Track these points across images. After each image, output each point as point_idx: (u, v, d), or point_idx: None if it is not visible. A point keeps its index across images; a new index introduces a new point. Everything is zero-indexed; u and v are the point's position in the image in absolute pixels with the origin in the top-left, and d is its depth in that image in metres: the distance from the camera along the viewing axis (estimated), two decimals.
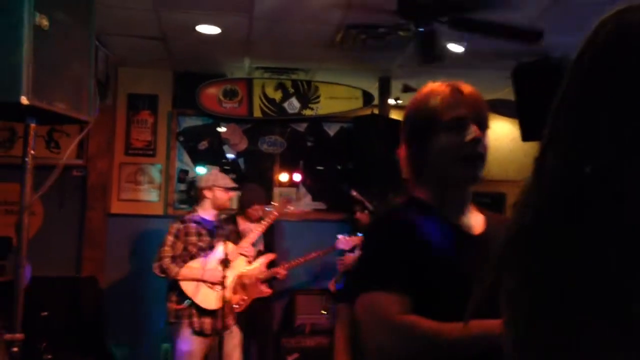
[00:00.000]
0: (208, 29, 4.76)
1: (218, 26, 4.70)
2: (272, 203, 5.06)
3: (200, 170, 6.08)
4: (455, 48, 4.53)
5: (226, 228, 4.61)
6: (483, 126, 1.51)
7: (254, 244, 4.68)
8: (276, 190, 6.29)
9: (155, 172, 6.03)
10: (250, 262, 4.63)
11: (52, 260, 5.47)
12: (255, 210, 4.90)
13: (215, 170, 4.91)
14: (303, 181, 6.33)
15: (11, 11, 2.14)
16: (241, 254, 4.50)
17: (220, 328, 4.22)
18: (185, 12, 4.42)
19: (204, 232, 4.39)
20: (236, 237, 4.64)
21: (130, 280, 5.69)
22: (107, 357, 5.42)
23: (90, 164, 5.76)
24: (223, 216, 4.74)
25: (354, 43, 4.57)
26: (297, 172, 6.31)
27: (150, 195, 5.98)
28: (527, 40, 4.21)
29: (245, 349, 4.68)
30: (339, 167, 6.38)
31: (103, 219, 5.81)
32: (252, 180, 5.80)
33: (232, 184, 4.60)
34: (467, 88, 1.55)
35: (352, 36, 4.52)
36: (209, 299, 4.24)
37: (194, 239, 4.34)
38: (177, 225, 4.35)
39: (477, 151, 1.48)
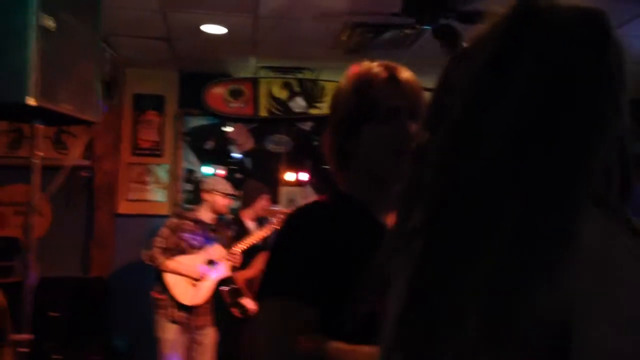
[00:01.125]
0: (214, 29, 4.76)
1: (224, 26, 4.70)
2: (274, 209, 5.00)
3: (207, 170, 6.09)
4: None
5: (222, 232, 4.64)
6: (417, 118, 1.35)
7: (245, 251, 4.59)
8: (282, 190, 6.30)
9: (161, 172, 6.04)
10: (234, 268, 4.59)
11: (60, 261, 5.48)
12: (263, 201, 4.91)
13: (217, 177, 4.97)
14: (309, 180, 6.33)
15: (17, 12, 2.15)
16: (228, 259, 4.51)
17: (195, 326, 4.40)
18: (191, 12, 4.43)
19: (198, 231, 4.50)
20: (229, 242, 4.64)
21: (138, 280, 5.69)
22: (115, 357, 5.44)
23: (97, 164, 5.78)
24: (228, 216, 4.77)
25: (360, 41, 4.56)
26: (304, 171, 6.31)
27: (157, 195, 5.99)
28: None
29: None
30: None
31: (110, 219, 5.83)
32: (259, 179, 5.79)
33: (231, 191, 4.67)
34: (405, 74, 1.43)
35: (357, 35, 4.51)
36: (186, 294, 4.37)
37: (187, 236, 4.46)
38: (174, 220, 4.51)
39: (410, 146, 1.22)
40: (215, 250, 4.50)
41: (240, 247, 4.53)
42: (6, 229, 5.63)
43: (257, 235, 4.63)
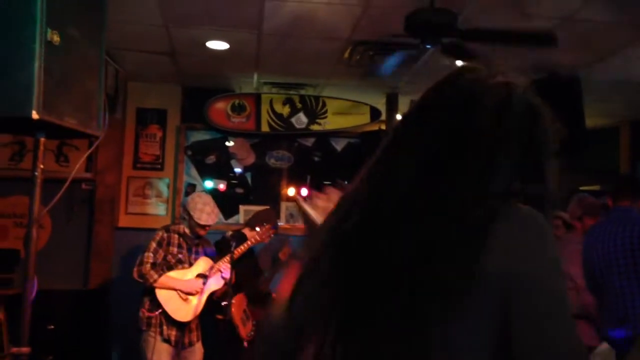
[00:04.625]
0: (217, 45, 4.80)
1: (227, 42, 4.73)
2: (257, 229, 4.81)
3: (208, 184, 6.10)
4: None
5: (206, 245, 4.59)
6: None
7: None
8: (283, 205, 6.30)
9: (163, 186, 6.05)
10: (224, 281, 4.50)
11: (60, 273, 5.48)
12: (266, 230, 4.80)
13: (203, 196, 4.59)
14: (310, 196, 6.32)
15: (23, 27, 2.16)
16: (219, 271, 4.46)
17: (185, 342, 4.32)
18: (195, 28, 4.46)
19: (184, 245, 4.44)
20: (219, 256, 4.60)
21: (137, 294, 5.67)
22: None
23: (99, 177, 5.79)
24: (229, 233, 4.74)
25: (362, 59, 4.59)
26: (304, 187, 6.32)
27: (157, 209, 6.00)
28: (542, 44, 4.18)
29: None
30: (345, 183, 6.37)
31: (111, 232, 5.83)
32: (259, 194, 5.80)
33: (205, 221, 4.40)
34: None
35: (360, 52, 4.54)
36: (180, 310, 4.29)
37: (174, 249, 4.39)
38: (161, 234, 4.39)
39: None
40: (204, 263, 4.46)
41: (227, 259, 4.46)
42: (6, 240, 5.63)
43: (241, 248, 4.58)
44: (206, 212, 4.41)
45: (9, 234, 5.68)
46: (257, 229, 4.79)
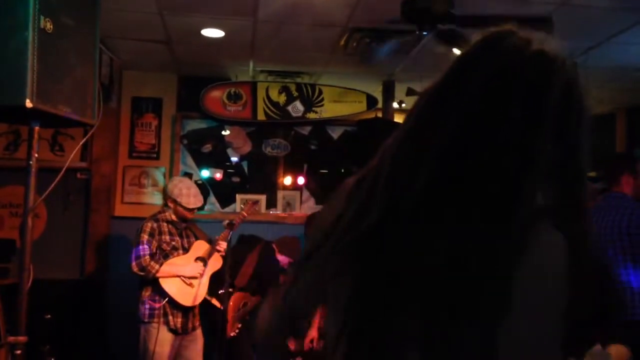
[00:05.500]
0: (213, 33, 4.77)
1: (222, 30, 4.71)
2: (241, 206, 4.95)
3: (205, 173, 6.09)
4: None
5: (194, 229, 4.63)
6: None
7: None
8: (280, 194, 6.29)
9: (159, 175, 6.04)
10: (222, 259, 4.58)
11: (56, 263, 5.48)
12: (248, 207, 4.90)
13: (184, 180, 4.62)
14: (306, 184, 6.33)
15: (16, 15, 2.15)
16: (216, 251, 4.50)
17: (189, 327, 4.35)
18: (190, 15, 4.43)
19: (175, 232, 4.44)
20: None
21: (133, 283, 5.68)
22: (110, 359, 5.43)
23: (94, 166, 5.77)
24: (226, 221, 4.74)
25: (358, 47, 4.57)
26: (301, 175, 6.31)
27: (153, 198, 5.99)
28: (538, 29, 4.17)
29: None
30: (342, 171, 6.38)
31: (107, 221, 5.82)
32: (256, 183, 5.79)
33: (194, 204, 4.43)
34: None
35: (356, 40, 4.52)
36: (185, 295, 4.31)
37: (167, 237, 4.39)
38: (150, 224, 4.37)
39: None
40: (200, 247, 4.48)
41: (222, 237, 4.49)
42: (2, 230, 5.62)
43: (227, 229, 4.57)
44: (193, 195, 4.42)
45: (5, 223, 5.68)
46: (242, 206, 4.90)
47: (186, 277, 4.33)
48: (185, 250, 4.45)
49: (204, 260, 4.44)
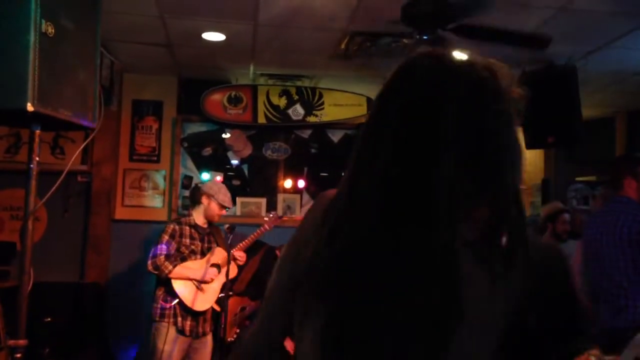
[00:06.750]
0: (213, 36, 4.77)
1: (223, 33, 4.71)
2: (265, 219, 5.06)
3: (205, 176, 6.10)
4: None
5: (218, 235, 4.66)
6: None
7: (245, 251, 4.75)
8: (280, 197, 6.30)
9: (159, 178, 6.04)
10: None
11: (56, 266, 5.48)
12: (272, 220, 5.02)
13: (221, 183, 4.90)
14: (307, 188, 6.33)
15: (18, 18, 2.15)
16: (234, 260, 4.56)
17: (200, 332, 4.40)
18: (191, 19, 4.44)
19: (196, 236, 4.51)
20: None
21: (134, 286, 5.69)
22: None
23: (95, 169, 5.78)
24: (227, 225, 4.75)
25: (359, 50, 4.58)
26: (301, 178, 6.32)
27: (154, 201, 5.99)
28: (535, 46, 4.20)
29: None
30: (342, 174, 6.37)
31: (107, 224, 5.82)
32: (256, 186, 5.78)
33: (229, 204, 4.64)
34: None
35: (356, 43, 4.53)
36: (196, 300, 4.35)
37: (187, 241, 4.46)
38: (173, 226, 4.47)
39: None
40: (219, 254, 4.52)
41: (241, 246, 4.63)
42: (3, 233, 5.63)
43: (253, 236, 4.76)
44: (228, 196, 4.62)
45: (5, 226, 5.68)
46: (266, 218, 5.03)
47: (198, 282, 4.37)
48: (204, 255, 4.50)
49: (218, 267, 4.49)
